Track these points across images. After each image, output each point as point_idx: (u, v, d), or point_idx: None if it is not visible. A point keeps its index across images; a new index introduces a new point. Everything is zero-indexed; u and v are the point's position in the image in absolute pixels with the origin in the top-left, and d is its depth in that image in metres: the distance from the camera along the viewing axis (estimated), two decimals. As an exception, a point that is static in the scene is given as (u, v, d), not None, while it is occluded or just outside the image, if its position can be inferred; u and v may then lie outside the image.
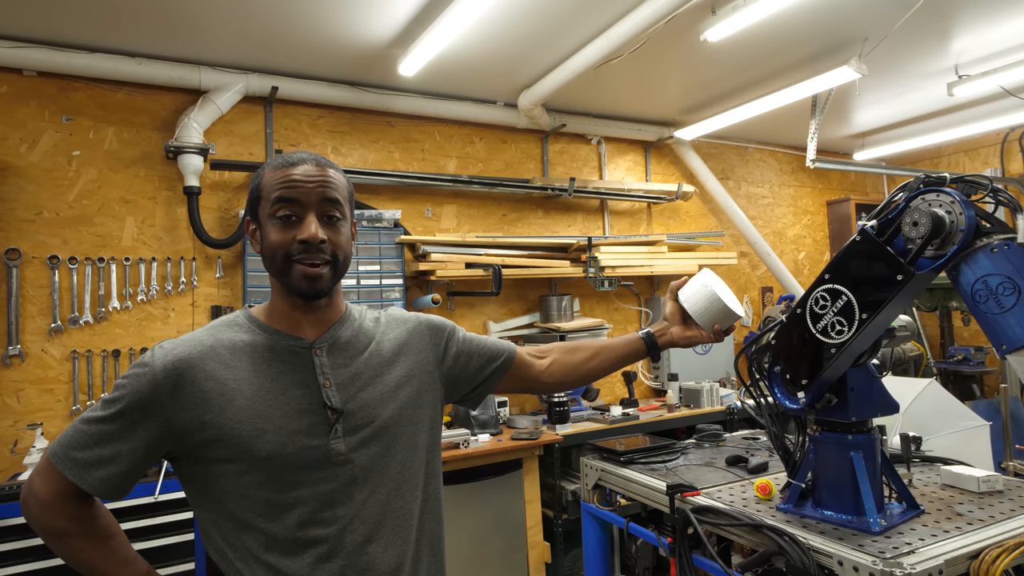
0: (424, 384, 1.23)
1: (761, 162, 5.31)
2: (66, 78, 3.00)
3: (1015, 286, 1.22)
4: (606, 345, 1.41)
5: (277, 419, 1.05)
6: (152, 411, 1.02)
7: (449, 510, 2.99)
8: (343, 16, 2.77)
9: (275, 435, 1.04)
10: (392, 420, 1.14)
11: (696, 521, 1.56)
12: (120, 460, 1.03)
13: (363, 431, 1.10)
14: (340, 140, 3.64)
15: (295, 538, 1.04)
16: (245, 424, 1.03)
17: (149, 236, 3.14)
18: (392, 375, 1.18)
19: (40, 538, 1.09)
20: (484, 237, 3.81)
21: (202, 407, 1.02)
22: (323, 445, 1.06)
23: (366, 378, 1.14)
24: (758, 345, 1.63)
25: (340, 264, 1.13)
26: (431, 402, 1.24)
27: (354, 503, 1.07)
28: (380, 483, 1.10)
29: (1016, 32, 3.29)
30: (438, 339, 1.29)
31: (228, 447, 1.02)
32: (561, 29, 2.98)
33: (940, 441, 2.24)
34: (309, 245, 1.07)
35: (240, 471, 1.03)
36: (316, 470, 1.06)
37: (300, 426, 1.06)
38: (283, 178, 1.09)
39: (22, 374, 2.86)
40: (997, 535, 1.34)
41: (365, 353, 1.17)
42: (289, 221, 1.08)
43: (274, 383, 1.07)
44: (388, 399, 1.15)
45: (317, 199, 1.09)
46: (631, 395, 4.06)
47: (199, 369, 1.04)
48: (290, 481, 1.04)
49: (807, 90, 3.64)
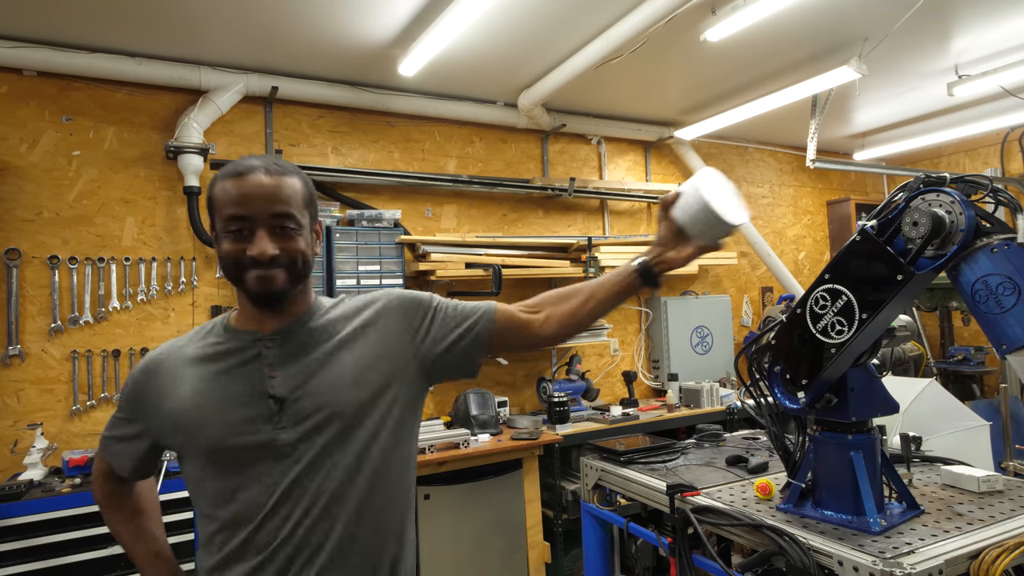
0: (394, 365, 1.17)
1: (761, 162, 5.31)
2: (66, 78, 3.00)
3: (1015, 286, 1.22)
4: (598, 284, 1.25)
5: (220, 411, 1.07)
6: (133, 406, 1.16)
7: (449, 510, 3.02)
8: (343, 16, 2.77)
9: (217, 427, 1.07)
10: (350, 406, 1.10)
11: (696, 521, 1.56)
12: (130, 444, 1.19)
13: (312, 419, 1.07)
14: (340, 140, 3.64)
15: (243, 527, 1.06)
16: (190, 417, 1.08)
17: (149, 236, 3.14)
18: (351, 359, 1.13)
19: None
20: (484, 237, 3.81)
21: (160, 402, 1.11)
22: (266, 435, 1.06)
23: (323, 366, 1.11)
24: (758, 345, 1.63)
25: (299, 268, 1.11)
26: (403, 383, 1.17)
27: (304, 492, 1.06)
28: (333, 471, 1.07)
29: (1016, 32, 3.29)
30: (412, 315, 1.22)
31: (179, 439, 1.10)
32: (561, 29, 2.98)
33: (940, 441, 2.24)
34: (258, 262, 1.06)
35: (193, 462, 1.10)
36: (261, 461, 1.06)
37: (241, 416, 1.07)
38: (234, 192, 1.07)
39: (22, 374, 2.86)
40: (997, 535, 1.34)
41: (325, 341, 1.14)
42: (241, 235, 1.07)
43: (220, 376, 1.10)
44: (347, 385, 1.11)
45: (266, 215, 1.07)
46: (631, 395, 4.06)
47: (164, 369, 1.14)
48: (236, 472, 1.06)
49: (807, 90, 3.64)
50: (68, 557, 2.33)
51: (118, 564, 2.40)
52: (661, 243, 1.24)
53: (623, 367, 4.43)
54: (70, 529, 2.35)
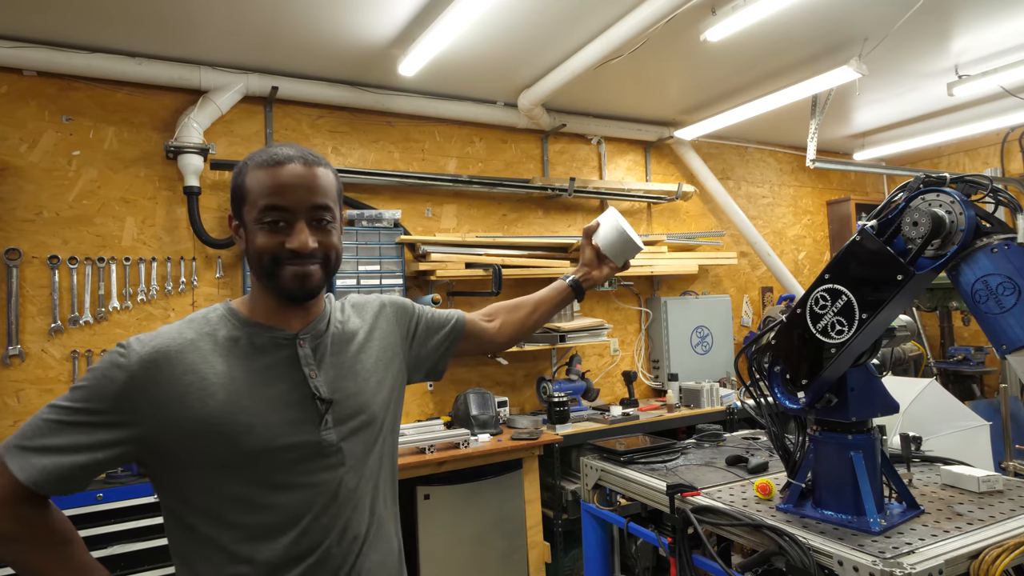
0: (393, 367, 1.24)
1: (761, 162, 5.31)
2: (66, 78, 3.00)
3: (1015, 286, 1.22)
4: (542, 298, 1.51)
5: (264, 413, 1.02)
6: (122, 406, 0.96)
7: (449, 510, 3.02)
8: (343, 16, 2.77)
9: (263, 429, 1.00)
10: (378, 407, 1.15)
11: (696, 521, 1.56)
12: (76, 451, 0.94)
13: (352, 421, 1.10)
14: (340, 140, 3.64)
15: (280, 533, 1.02)
16: (229, 420, 0.99)
17: (149, 236, 3.14)
18: (369, 362, 1.18)
19: None
20: (484, 237, 3.81)
21: (179, 403, 0.97)
22: (314, 436, 1.05)
23: (347, 367, 1.14)
24: (758, 345, 1.63)
25: (332, 264, 1.10)
26: (399, 383, 1.26)
27: (350, 491, 1.09)
28: (366, 469, 1.12)
29: (1016, 32, 3.29)
30: (404, 320, 1.31)
31: (210, 444, 0.98)
32: (561, 29, 2.98)
33: (940, 441, 2.24)
34: (300, 253, 1.03)
35: (222, 467, 0.99)
36: (308, 461, 1.05)
37: (289, 419, 1.03)
38: (270, 182, 1.03)
39: (22, 374, 2.86)
40: (997, 535, 1.34)
41: (347, 343, 1.16)
42: (277, 227, 1.03)
43: (258, 377, 1.04)
44: (370, 386, 1.15)
45: (307, 206, 1.04)
46: (631, 395, 4.06)
47: (177, 362, 0.99)
48: (279, 475, 1.02)
49: (807, 90, 3.63)
50: (68, 557, 2.33)
51: (118, 564, 2.40)
52: (586, 264, 1.53)
53: (623, 367, 4.43)
54: (70, 529, 2.35)
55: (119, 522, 2.42)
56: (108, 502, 2.42)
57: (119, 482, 2.50)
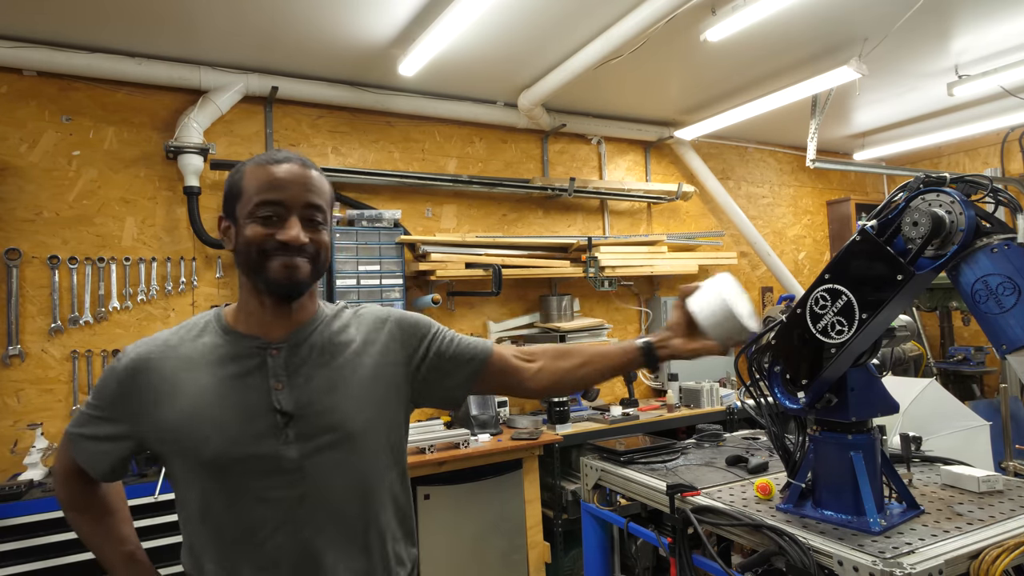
0: (390, 386, 1.16)
1: (761, 162, 5.31)
2: (66, 78, 3.00)
3: (1015, 286, 1.22)
4: (600, 352, 1.27)
5: (226, 423, 1.02)
6: (117, 406, 1.08)
7: (449, 510, 3.02)
8: (343, 16, 2.77)
9: (219, 439, 1.01)
10: (358, 425, 1.08)
11: (696, 521, 1.56)
12: (99, 440, 1.10)
13: (323, 437, 1.05)
14: (340, 140, 3.64)
15: (242, 543, 1.03)
16: (191, 427, 1.02)
17: (149, 236, 3.14)
18: (359, 377, 1.11)
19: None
20: (484, 237, 3.81)
21: (153, 406, 1.04)
22: (272, 450, 1.02)
23: (331, 382, 1.08)
24: (758, 345, 1.63)
25: (321, 261, 1.09)
26: (397, 405, 1.17)
27: (304, 510, 1.04)
28: (334, 490, 1.06)
29: (1016, 32, 3.29)
30: (410, 338, 1.20)
31: (178, 448, 1.03)
32: (561, 29, 2.98)
33: (940, 441, 2.24)
34: (289, 247, 1.03)
35: (191, 473, 1.04)
36: (265, 476, 1.02)
37: (248, 430, 1.02)
38: (267, 178, 1.05)
39: (22, 374, 2.86)
40: (997, 535, 1.34)
41: (332, 356, 1.11)
42: (269, 221, 1.04)
43: (225, 385, 1.05)
44: (353, 402, 1.09)
45: (301, 203, 1.06)
46: (631, 395, 4.06)
47: (155, 370, 1.06)
48: (237, 486, 1.02)
49: (807, 90, 3.63)
50: (68, 557, 2.33)
51: (118, 564, 2.40)
52: (671, 328, 1.27)
53: (623, 367, 4.42)
54: (70, 529, 2.32)
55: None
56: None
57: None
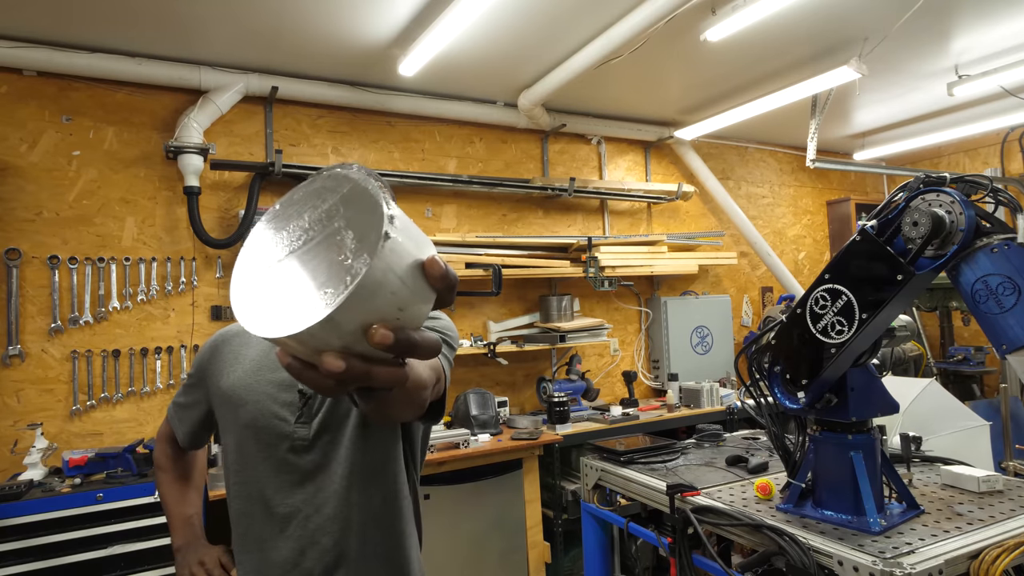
0: None
1: (761, 162, 5.31)
2: (66, 78, 3.00)
3: (1015, 286, 1.22)
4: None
5: (261, 394, 1.13)
6: (202, 373, 1.24)
7: (449, 510, 3.02)
8: (343, 16, 2.77)
9: (254, 407, 1.12)
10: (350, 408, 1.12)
11: (696, 521, 1.56)
12: (190, 411, 1.28)
13: (331, 418, 1.12)
14: (340, 140, 3.64)
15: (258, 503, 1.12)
16: (235, 392, 1.15)
17: (149, 236, 3.14)
18: None
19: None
20: (484, 237, 3.81)
21: (220, 375, 1.19)
22: (289, 426, 1.11)
23: None
24: (758, 345, 1.63)
25: None
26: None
27: (305, 492, 1.10)
28: (337, 474, 1.10)
29: (1016, 32, 3.29)
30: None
31: (224, 411, 1.17)
32: (561, 29, 2.98)
33: (940, 441, 2.24)
34: None
35: (228, 434, 1.16)
36: (281, 447, 1.10)
37: (273, 404, 1.12)
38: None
39: (22, 374, 2.86)
40: (997, 535, 1.34)
41: None
42: None
43: (269, 360, 1.15)
44: None
45: None
46: (631, 395, 4.06)
47: (228, 343, 1.23)
48: (259, 451, 1.11)
49: (807, 90, 3.63)
50: (68, 557, 2.33)
51: (118, 564, 2.40)
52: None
53: (623, 367, 4.43)
54: (70, 529, 2.35)
55: (119, 522, 2.42)
56: (108, 502, 2.42)
57: (119, 482, 2.50)
